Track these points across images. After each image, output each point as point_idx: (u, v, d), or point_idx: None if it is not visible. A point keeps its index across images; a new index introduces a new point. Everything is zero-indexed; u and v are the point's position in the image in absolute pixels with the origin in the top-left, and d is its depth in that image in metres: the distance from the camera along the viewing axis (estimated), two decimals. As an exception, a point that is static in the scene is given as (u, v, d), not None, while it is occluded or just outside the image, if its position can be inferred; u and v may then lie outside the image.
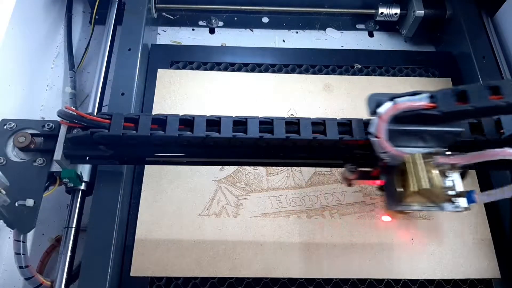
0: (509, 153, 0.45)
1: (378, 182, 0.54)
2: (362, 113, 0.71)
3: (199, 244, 0.61)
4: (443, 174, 0.48)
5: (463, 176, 0.51)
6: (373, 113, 0.50)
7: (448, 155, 0.49)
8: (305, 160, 0.57)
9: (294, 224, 0.63)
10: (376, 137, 0.48)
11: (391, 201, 0.51)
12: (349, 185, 0.54)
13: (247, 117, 0.53)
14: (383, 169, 0.52)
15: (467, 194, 0.49)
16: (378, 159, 0.50)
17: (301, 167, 0.67)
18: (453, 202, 0.48)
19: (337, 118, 0.54)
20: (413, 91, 0.49)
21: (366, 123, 0.53)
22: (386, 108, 0.48)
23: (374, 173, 0.54)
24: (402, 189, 0.49)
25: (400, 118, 0.48)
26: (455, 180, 0.49)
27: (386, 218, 0.63)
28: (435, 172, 0.47)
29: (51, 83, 0.80)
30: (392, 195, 0.51)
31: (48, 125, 0.55)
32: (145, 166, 0.65)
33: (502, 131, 0.54)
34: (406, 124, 0.49)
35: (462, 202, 0.48)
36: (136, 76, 0.67)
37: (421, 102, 0.47)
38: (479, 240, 0.63)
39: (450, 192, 0.48)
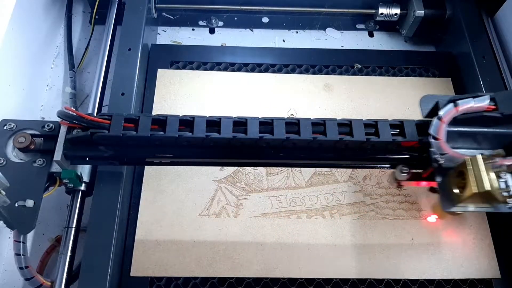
0: None
1: (432, 183, 0.54)
2: (362, 113, 0.71)
3: (199, 244, 0.61)
4: (498, 176, 0.48)
5: None
6: (429, 114, 0.51)
7: (506, 157, 0.49)
8: (307, 160, 0.57)
9: (294, 224, 0.63)
10: (436, 138, 0.49)
11: (447, 202, 0.51)
12: (399, 186, 0.55)
13: (247, 117, 0.53)
14: (437, 171, 0.52)
15: None
16: (432, 160, 0.51)
17: (301, 167, 0.67)
18: (507, 203, 0.48)
19: (337, 118, 0.54)
20: (474, 93, 0.50)
21: (365, 124, 0.53)
22: (447, 110, 0.49)
23: (425, 174, 0.54)
24: (459, 191, 0.50)
25: (458, 120, 0.49)
26: (508, 181, 0.49)
27: (432, 219, 0.63)
28: (492, 173, 0.48)
29: (51, 83, 0.80)
30: (447, 196, 0.51)
31: (48, 125, 0.55)
32: (145, 166, 0.65)
33: None
34: (464, 125, 0.50)
35: None
36: (136, 76, 0.67)
37: (482, 104, 0.48)
38: (479, 240, 0.63)
39: (505, 193, 0.48)
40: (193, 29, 0.88)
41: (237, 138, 0.52)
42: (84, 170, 0.60)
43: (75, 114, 0.52)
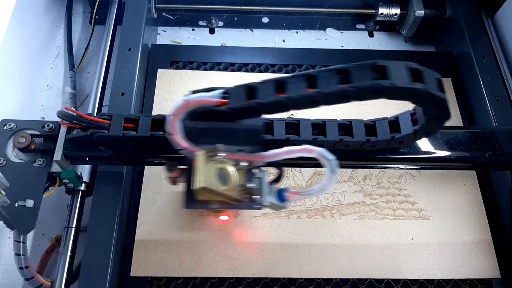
0: (309, 150, 0.45)
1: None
2: (362, 114, 0.71)
3: (199, 244, 0.61)
4: (249, 173, 0.47)
5: (279, 175, 0.50)
6: None
7: (249, 152, 0.47)
8: (307, 160, 0.55)
9: (294, 224, 0.63)
10: (170, 134, 0.46)
11: (190, 199, 0.47)
12: (174, 183, 0.52)
13: (246, 117, 0.53)
14: (190, 167, 0.48)
15: (278, 193, 0.48)
16: (183, 156, 0.48)
17: (301, 167, 0.67)
18: (253, 200, 0.47)
19: (337, 118, 0.54)
20: (210, 87, 0.47)
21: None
22: (177, 104, 0.45)
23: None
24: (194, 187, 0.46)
25: (196, 114, 0.46)
26: (262, 179, 0.47)
27: (224, 217, 0.62)
28: (231, 169, 0.45)
29: (51, 83, 0.80)
30: (190, 193, 0.47)
31: (48, 125, 0.55)
32: (145, 166, 0.65)
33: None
34: (205, 121, 0.46)
35: (265, 200, 0.47)
36: (136, 76, 0.67)
37: (213, 98, 0.45)
38: (479, 240, 0.63)
39: (250, 190, 0.46)
40: (193, 29, 0.88)
41: (237, 138, 0.52)
42: (84, 170, 0.60)
43: (75, 114, 0.52)
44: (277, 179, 0.50)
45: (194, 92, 0.46)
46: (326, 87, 0.42)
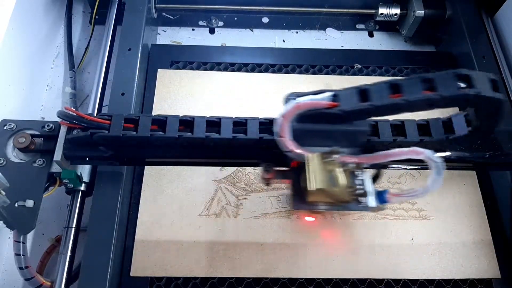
0: (417, 152, 0.45)
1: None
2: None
3: (199, 244, 0.61)
4: (352, 174, 0.47)
5: (377, 176, 0.50)
6: None
7: (349, 154, 0.48)
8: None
9: (294, 224, 0.63)
10: (280, 136, 0.47)
11: (297, 200, 0.49)
12: (267, 184, 0.53)
13: (247, 118, 0.53)
14: (294, 168, 0.50)
15: (379, 194, 0.48)
16: (288, 158, 0.49)
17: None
18: (359, 202, 0.47)
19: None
20: (318, 90, 0.48)
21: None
22: (288, 107, 0.46)
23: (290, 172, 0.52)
24: (306, 189, 0.47)
25: (306, 117, 0.47)
26: (365, 180, 0.48)
27: (310, 218, 0.63)
28: (339, 171, 0.46)
29: (51, 83, 0.80)
30: (298, 194, 0.49)
31: (48, 125, 0.55)
32: (145, 166, 0.65)
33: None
34: (313, 123, 0.48)
35: (371, 201, 0.48)
36: (136, 76, 0.68)
37: (323, 101, 0.46)
38: (479, 240, 0.63)
39: (358, 192, 0.47)
40: (193, 29, 0.88)
41: (237, 138, 0.52)
42: (84, 170, 0.60)
43: (75, 114, 0.52)
44: (374, 180, 0.50)
45: (299, 95, 0.47)
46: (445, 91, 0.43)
